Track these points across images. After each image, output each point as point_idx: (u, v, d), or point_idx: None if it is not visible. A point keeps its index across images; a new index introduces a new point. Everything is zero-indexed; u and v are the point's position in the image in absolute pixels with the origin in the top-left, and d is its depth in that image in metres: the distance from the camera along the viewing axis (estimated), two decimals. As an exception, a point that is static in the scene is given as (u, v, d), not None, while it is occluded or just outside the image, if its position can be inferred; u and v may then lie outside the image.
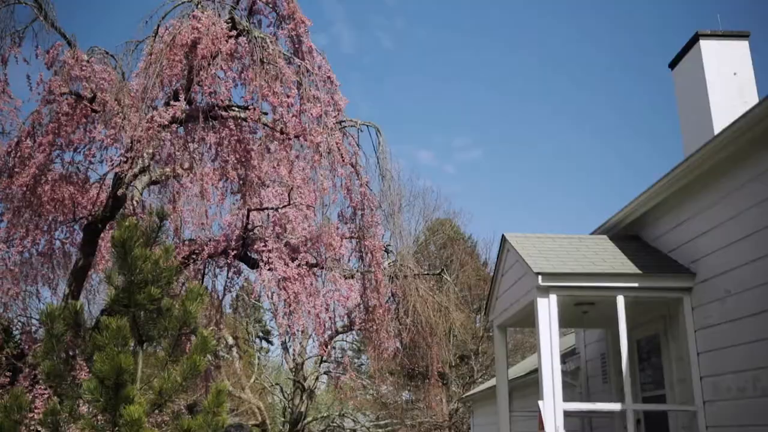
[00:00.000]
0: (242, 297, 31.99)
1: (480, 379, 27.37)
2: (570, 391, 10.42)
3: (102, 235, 10.09)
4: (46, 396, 8.48)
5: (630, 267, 8.20)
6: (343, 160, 8.24)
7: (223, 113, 8.29)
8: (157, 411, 6.50)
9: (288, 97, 7.66)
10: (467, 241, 34.18)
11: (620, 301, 8.06)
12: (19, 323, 11.62)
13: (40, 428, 7.43)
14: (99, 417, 6.26)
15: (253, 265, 10.71)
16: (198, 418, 6.38)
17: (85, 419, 6.11)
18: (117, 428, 5.73)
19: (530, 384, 13.25)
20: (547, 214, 55.06)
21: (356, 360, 35.42)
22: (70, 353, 7.46)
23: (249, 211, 10.40)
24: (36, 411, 7.95)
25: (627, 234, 9.41)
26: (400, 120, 52.10)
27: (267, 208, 10.38)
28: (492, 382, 18.84)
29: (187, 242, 11.05)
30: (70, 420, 6.19)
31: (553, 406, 7.70)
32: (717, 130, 8.55)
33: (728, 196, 7.50)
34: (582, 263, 8.35)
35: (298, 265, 9.99)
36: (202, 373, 11.06)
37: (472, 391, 21.91)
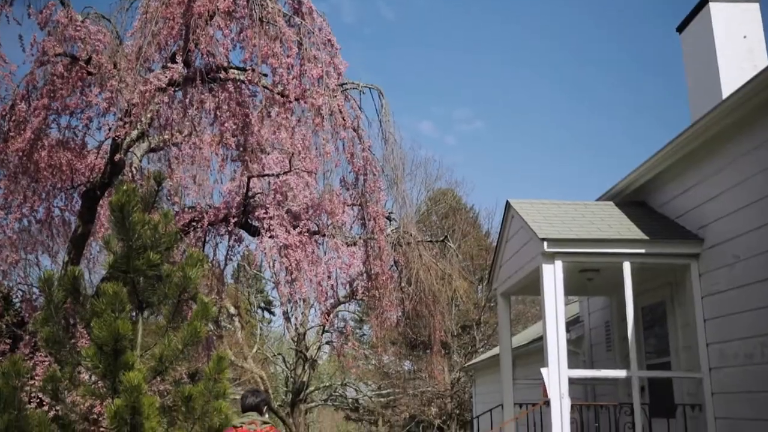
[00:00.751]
0: (244, 267, 32.02)
1: (482, 349, 27.45)
2: (573, 359, 10.35)
3: (101, 202, 9.97)
4: (46, 363, 8.44)
5: (637, 233, 8.07)
6: (345, 124, 8.06)
7: (222, 75, 8.09)
8: (158, 378, 6.45)
9: (288, 57, 7.47)
10: (469, 212, 34.06)
11: (626, 267, 7.94)
12: (20, 291, 11.56)
13: (41, 395, 7.40)
14: (99, 383, 6.21)
15: (254, 232, 10.60)
16: (199, 385, 6.31)
17: (85, 386, 6.05)
18: (117, 394, 5.66)
19: (533, 353, 13.22)
20: (550, 185, 54.90)
21: (358, 330, 35.52)
22: (71, 321, 7.39)
23: (249, 178, 10.25)
24: (36, 378, 7.90)
25: (633, 200, 9.27)
26: (401, 91, 51.62)
27: (268, 175, 10.22)
28: (494, 351, 18.85)
29: (187, 210, 10.93)
30: (70, 386, 6.13)
31: (558, 372, 7.63)
32: (725, 94, 8.36)
33: (736, 162, 7.34)
34: (588, 229, 8.22)
35: (300, 233, 9.88)
36: (203, 340, 11.02)
37: (474, 360, 21.95)
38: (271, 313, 42.07)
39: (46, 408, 7.42)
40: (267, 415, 5.81)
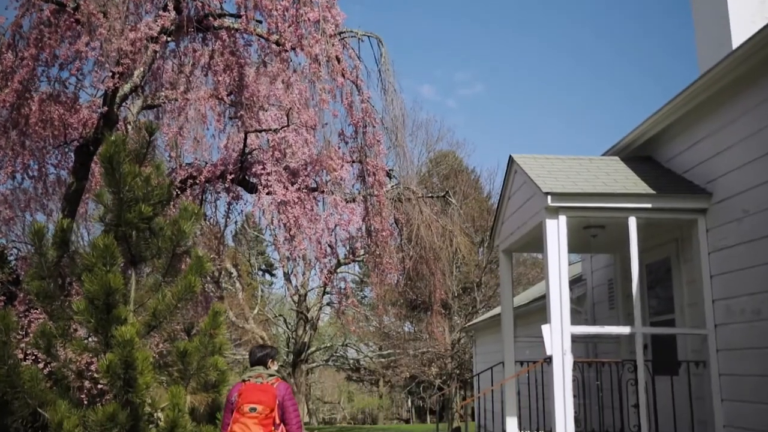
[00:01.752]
0: (244, 228, 31.92)
1: (482, 310, 27.47)
2: (575, 318, 10.21)
3: (95, 158, 9.77)
4: (41, 320, 8.33)
5: (643, 187, 7.87)
6: (344, 71, 7.79)
7: (215, 22, 7.79)
8: (153, 334, 6.33)
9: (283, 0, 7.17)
10: (470, 174, 33.83)
11: (632, 222, 7.75)
12: (15, 249, 11.43)
13: (36, 352, 7.29)
14: (92, 338, 6.09)
15: (252, 189, 10.42)
16: (195, 341, 6.19)
17: (77, 340, 5.92)
18: (110, 349, 5.54)
19: (533, 312, 13.13)
20: (552, 148, 54.53)
21: (359, 292, 35.53)
22: (67, 279, 7.23)
23: (246, 133, 10.03)
24: (31, 334, 7.79)
25: (639, 155, 9.04)
26: (402, 54, 51.09)
27: (265, 130, 10.00)
28: (495, 311, 18.80)
29: (184, 166, 10.73)
30: (62, 342, 6.01)
31: (560, 328, 7.50)
32: (735, 44, 8.07)
33: (746, 114, 7.11)
34: (593, 183, 8.02)
35: (298, 189, 9.69)
36: (200, 296, 10.91)
37: (474, 321, 21.94)
38: (272, 275, 42.12)
39: (41, 365, 7.34)
40: (275, 367, 5.79)
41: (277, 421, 5.42)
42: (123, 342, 5.33)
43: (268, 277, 41.58)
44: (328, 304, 28.65)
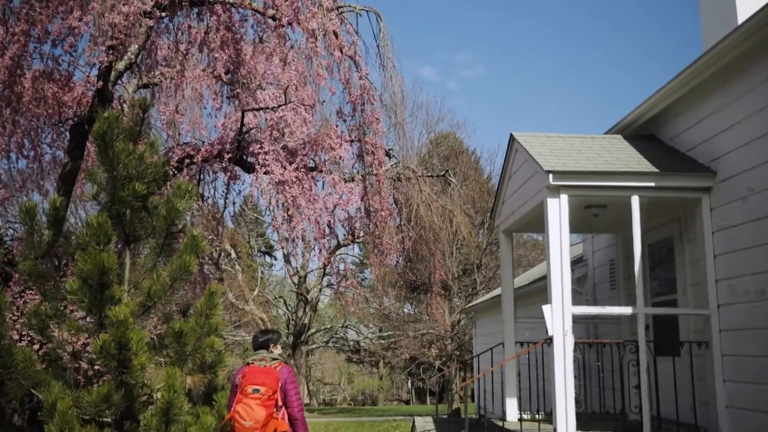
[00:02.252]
0: (244, 210, 31.82)
1: (482, 291, 27.44)
2: (576, 299, 10.13)
3: (90, 137, 9.64)
4: (36, 301, 8.24)
5: (646, 166, 7.74)
6: (341, 45, 7.62)
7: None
8: (150, 313, 6.24)
9: (278, -30, 7.00)
10: (471, 155, 33.69)
11: (635, 201, 7.64)
12: (11, 230, 11.34)
13: (32, 333, 7.21)
14: (86, 319, 6.00)
15: (250, 169, 10.29)
16: (190, 321, 6.09)
17: (71, 321, 5.83)
18: (103, 329, 5.45)
19: (534, 293, 13.05)
20: (553, 128, 54.23)
21: (359, 274, 35.49)
22: (63, 261, 7.13)
23: (244, 111, 9.89)
24: (26, 315, 7.70)
25: (642, 134, 8.91)
26: (402, 36, 50.74)
27: (263, 109, 9.84)
28: (495, 292, 18.75)
29: (180, 145, 10.60)
30: (56, 322, 5.92)
31: (561, 309, 7.41)
32: (741, 20, 7.91)
33: (752, 91, 6.97)
34: (595, 162, 7.89)
35: (296, 168, 9.57)
36: (195, 276, 10.82)
37: (475, 302, 21.90)
38: (272, 257, 42.07)
39: (37, 347, 7.27)
40: (278, 351, 5.99)
41: (280, 403, 5.60)
42: (117, 322, 5.23)
43: (268, 258, 41.54)
44: (327, 286, 28.60)
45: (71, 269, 6.75)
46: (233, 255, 27.62)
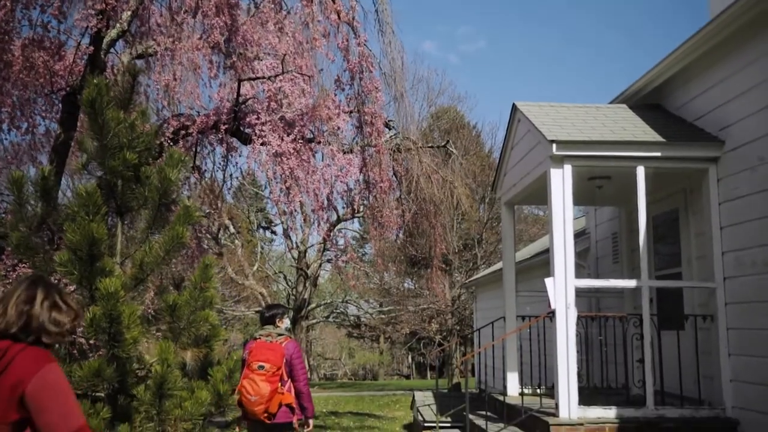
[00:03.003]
0: (243, 185, 31.62)
1: (483, 266, 27.34)
2: (578, 272, 10.01)
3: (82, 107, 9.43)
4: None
5: (652, 135, 7.54)
6: (339, 15, 7.39)
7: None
8: (143, 286, 6.10)
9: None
10: (472, 129, 33.40)
11: (640, 172, 7.45)
12: (5, 203, 11.17)
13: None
14: (77, 292, 5.85)
15: (247, 140, 10.10)
16: (184, 294, 5.94)
17: (61, 293, 5.68)
18: (94, 302, 5.30)
19: (535, 267, 12.92)
20: (556, 100, 53.72)
21: (359, 249, 35.42)
22: (58, 235, 6.94)
23: (240, 81, 9.66)
24: (19, 290, 7.56)
25: (648, 103, 8.69)
26: (403, 10, 50.16)
27: (259, 78, 9.61)
28: (496, 266, 18.63)
29: (176, 116, 10.39)
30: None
31: (564, 282, 7.26)
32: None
33: (763, 57, 6.74)
34: (600, 131, 7.69)
35: (294, 140, 9.36)
36: (194, 249, 10.67)
37: (475, 276, 21.80)
38: (273, 232, 42.00)
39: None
40: (284, 325, 6.18)
41: (285, 377, 5.81)
42: (107, 295, 5.08)
43: (268, 234, 41.46)
44: (328, 261, 28.51)
45: (65, 242, 6.60)
46: (232, 230, 27.48)
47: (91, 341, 5.70)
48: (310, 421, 6.06)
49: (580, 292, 7.67)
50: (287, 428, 5.86)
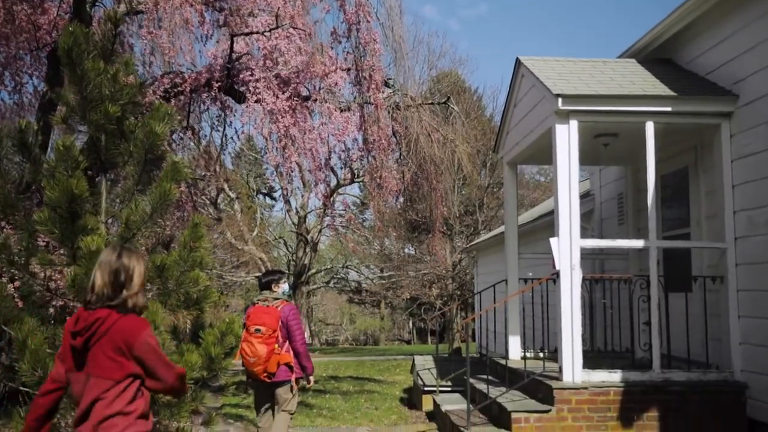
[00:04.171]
0: (243, 150, 31.27)
1: (484, 232, 27.11)
2: (582, 234, 9.77)
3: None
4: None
5: (662, 89, 7.20)
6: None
7: None
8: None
9: None
10: (473, 94, 32.94)
11: (649, 128, 7.13)
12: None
13: (13, 269, 6.83)
14: (60, 252, 5.61)
15: (241, 99, 9.77)
16: (173, 254, 5.70)
17: (41, 253, 5.43)
18: (76, 262, 5.05)
19: (538, 229, 12.67)
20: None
21: (360, 215, 35.14)
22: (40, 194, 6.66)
23: (233, 36, 9.30)
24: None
25: (658, 58, 8.33)
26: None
27: (253, 33, 9.25)
28: (498, 230, 18.38)
29: (168, 74, 10.05)
30: (26, 254, 5.52)
31: (569, 242, 6.99)
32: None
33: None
34: (608, 85, 7.35)
35: (289, 98, 9.03)
36: (190, 213, 10.39)
37: (477, 240, 21.57)
38: (273, 198, 41.69)
39: (16, 283, 6.90)
40: (282, 289, 6.44)
41: (281, 339, 6.10)
42: (89, 254, 4.83)
43: (268, 200, 41.18)
44: (327, 226, 28.26)
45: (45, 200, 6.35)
46: (232, 195, 27.20)
47: (62, 302, 5.48)
48: (311, 378, 6.36)
49: (584, 255, 7.41)
50: (286, 385, 6.17)
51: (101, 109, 5.35)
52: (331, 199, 21.60)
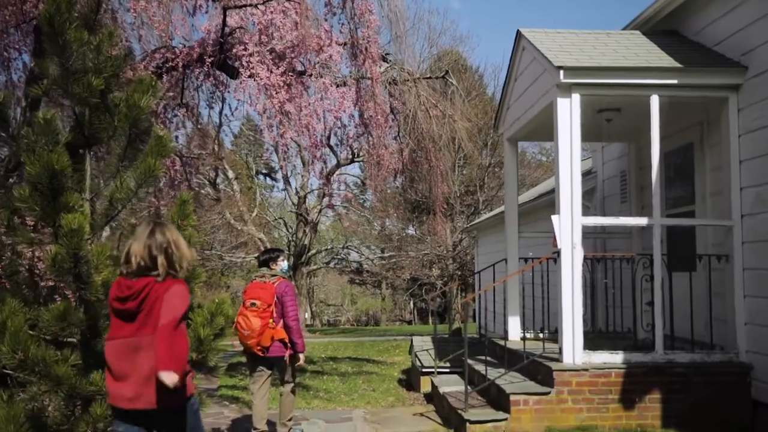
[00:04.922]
0: (242, 130, 31.02)
1: (484, 212, 26.92)
2: (584, 213, 9.56)
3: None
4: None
5: (668, 61, 6.96)
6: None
7: None
8: (113, 224, 5.66)
9: None
10: (474, 73, 32.60)
11: (654, 101, 6.89)
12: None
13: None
14: (43, 230, 5.42)
15: (235, 74, 9.52)
16: (160, 232, 5.51)
17: (22, 230, 5.25)
18: (58, 240, 4.86)
19: (539, 208, 12.46)
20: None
21: (360, 196, 34.91)
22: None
23: (225, 9, 9.04)
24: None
25: (663, 29, 8.07)
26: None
27: (246, 6, 8.98)
28: (498, 210, 18.18)
29: (159, 49, 9.81)
30: (9, 233, 5.34)
31: (571, 219, 6.79)
32: None
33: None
34: (611, 57, 7.11)
35: (284, 72, 8.79)
36: (178, 188, 10.19)
37: (477, 220, 21.38)
38: (273, 179, 41.45)
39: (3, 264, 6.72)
40: (279, 267, 6.51)
41: (275, 315, 6.18)
42: (70, 232, 4.63)
43: (268, 181, 40.96)
44: (327, 207, 28.06)
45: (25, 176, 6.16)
46: (231, 175, 26.98)
47: (52, 283, 5.30)
48: (300, 356, 6.37)
49: (586, 234, 7.22)
50: (280, 361, 6.29)
51: (84, 81, 5.13)
52: (331, 179, 21.40)
